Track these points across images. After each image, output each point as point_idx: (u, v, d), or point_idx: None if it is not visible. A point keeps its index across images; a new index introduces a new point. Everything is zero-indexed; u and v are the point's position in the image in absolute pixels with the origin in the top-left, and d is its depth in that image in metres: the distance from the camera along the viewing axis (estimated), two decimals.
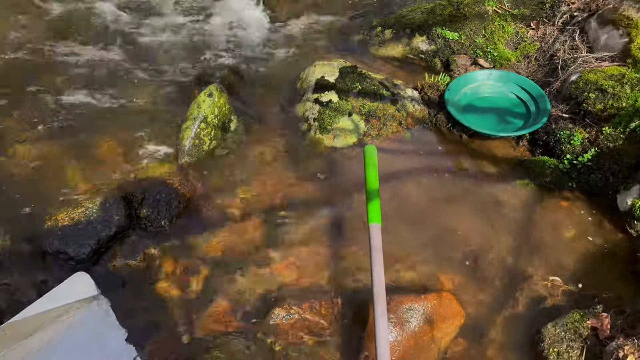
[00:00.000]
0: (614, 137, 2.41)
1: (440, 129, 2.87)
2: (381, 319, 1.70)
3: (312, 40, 3.48)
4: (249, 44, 3.36)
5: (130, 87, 2.97)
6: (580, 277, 2.13)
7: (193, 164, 2.49)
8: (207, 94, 2.51)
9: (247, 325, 1.93)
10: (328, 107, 2.72)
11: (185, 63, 3.11)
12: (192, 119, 2.47)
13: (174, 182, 2.30)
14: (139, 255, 2.09)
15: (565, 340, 1.78)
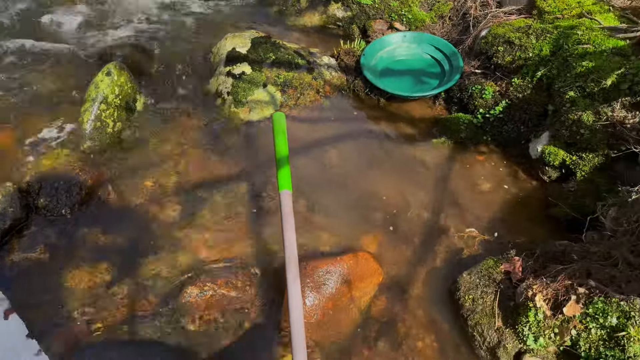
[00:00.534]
0: (522, 88, 2.44)
1: (358, 95, 2.84)
2: (293, 284, 1.65)
3: (226, 13, 3.35)
4: (155, 18, 3.19)
5: (19, 69, 2.74)
6: (496, 227, 2.15)
7: (97, 149, 2.35)
8: (105, 73, 2.36)
9: (159, 308, 1.84)
10: (241, 80, 2.63)
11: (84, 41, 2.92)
12: (90, 101, 2.32)
13: (74, 168, 2.16)
14: (39, 247, 1.95)
15: (480, 287, 1.79)
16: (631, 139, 2.01)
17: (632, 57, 2.19)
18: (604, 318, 1.52)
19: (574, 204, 2.09)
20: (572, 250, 1.81)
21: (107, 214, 2.15)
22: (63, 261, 1.98)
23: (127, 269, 1.96)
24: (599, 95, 2.14)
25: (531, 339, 1.59)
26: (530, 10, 2.73)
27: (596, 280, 1.61)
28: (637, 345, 1.46)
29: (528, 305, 1.61)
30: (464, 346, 1.77)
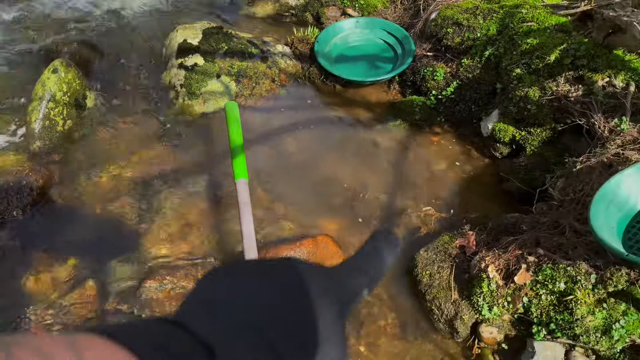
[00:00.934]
0: (472, 68, 2.49)
1: (314, 82, 2.85)
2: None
3: (176, 5, 3.30)
4: (102, 13, 3.12)
5: None
6: (451, 204, 2.20)
7: (47, 148, 2.28)
8: (51, 71, 2.29)
9: (118, 305, 1.81)
10: (194, 72, 2.59)
11: (28, 39, 2.83)
12: (37, 99, 2.26)
13: (24, 169, 2.09)
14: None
15: (437, 262, 1.84)
16: (575, 111, 2.08)
17: (574, 32, 2.26)
18: (552, 284, 1.58)
19: (525, 177, 2.16)
20: (522, 221, 1.87)
21: (61, 214, 2.10)
22: (17, 264, 1.93)
23: (84, 268, 1.93)
24: (544, 71, 2.20)
25: (486, 308, 1.65)
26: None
27: (545, 249, 1.67)
28: (584, 307, 1.52)
29: (481, 276, 1.66)
30: (423, 321, 1.81)
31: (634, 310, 1.50)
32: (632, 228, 1.63)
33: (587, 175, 1.84)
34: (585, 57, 2.12)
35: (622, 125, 1.92)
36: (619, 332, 1.48)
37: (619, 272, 1.50)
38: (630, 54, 2.10)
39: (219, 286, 0.33)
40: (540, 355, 1.58)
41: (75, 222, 2.08)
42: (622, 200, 1.64)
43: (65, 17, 3.02)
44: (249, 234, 1.75)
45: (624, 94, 2.01)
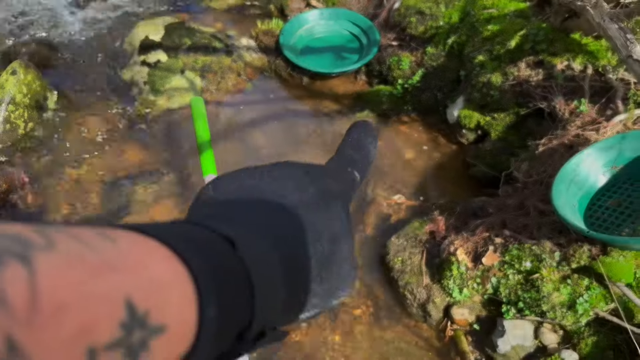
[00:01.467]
0: (436, 56, 2.52)
1: (281, 75, 2.84)
2: None
3: (136, 1, 3.23)
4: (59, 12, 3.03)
5: None
6: (421, 191, 2.24)
7: (9, 151, 2.22)
8: (9, 73, 2.23)
9: None
10: (157, 68, 2.56)
11: None
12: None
13: None
14: None
15: (408, 248, 1.86)
16: (537, 95, 2.13)
17: (533, 17, 2.31)
18: (519, 263, 1.62)
19: (491, 162, 2.21)
20: (489, 204, 1.91)
21: (27, 217, 2.05)
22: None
23: None
24: (505, 57, 2.24)
25: (456, 291, 1.68)
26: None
27: (511, 230, 1.71)
28: (550, 284, 1.57)
29: (451, 260, 1.70)
30: (397, 307, 1.84)
31: (596, 284, 1.55)
32: (592, 205, 1.68)
33: (549, 157, 1.89)
34: (544, 42, 2.17)
35: (581, 107, 1.98)
36: (583, 307, 1.54)
37: (581, 248, 1.55)
38: (587, 37, 2.16)
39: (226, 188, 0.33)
40: (510, 333, 1.62)
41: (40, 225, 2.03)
42: (582, 179, 1.69)
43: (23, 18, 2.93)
44: None
45: (582, 76, 2.07)
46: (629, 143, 1.68)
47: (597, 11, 1.87)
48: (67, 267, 0.17)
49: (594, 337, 1.56)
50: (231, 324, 0.24)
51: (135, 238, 0.22)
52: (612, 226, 1.61)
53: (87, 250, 0.19)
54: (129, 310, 0.19)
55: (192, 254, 0.23)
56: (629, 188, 1.68)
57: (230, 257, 0.25)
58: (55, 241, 0.18)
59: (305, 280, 0.31)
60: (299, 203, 0.33)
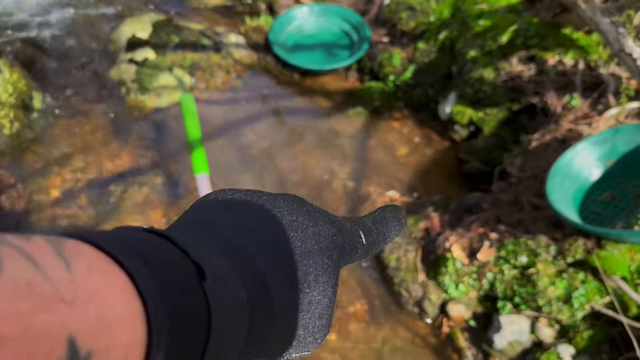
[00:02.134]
0: (427, 52, 2.52)
1: (271, 72, 2.81)
2: None
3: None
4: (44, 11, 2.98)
5: None
6: (414, 188, 2.23)
7: None
8: None
9: None
10: (145, 66, 2.51)
11: None
12: None
13: None
14: None
15: (402, 245, 1.85)
16: (529, 90, 2.13)
17: (524, 13, 2.31)
18: (514, 258, 1.62)
19: (484, 158, 2.20)
20: (483, 200, 1.90)
21: (16, 220, 2.00)
22: None
23: None
24: (497, 52, 2.24)
25: (452, 287, 1.67)
26: None
27: (506, 225, 1.71)
28: (545, 278, 1.57)
29: (446, 256, 1.69)
30: (393, 304, 1.82)
31: (591, 278, 1.55)
32: (587, 199, 1.68)
33: (542, 152, 1.89)
34: (535, 37, 2.17)
35: (573, 102, 1.98)
36: (578, 300, 1.54)
37: (576, 242, 1.55)
38: (578, 32, 2.16)
39: (212, 208, 0.31)
40: (507, 329, 1.62)
41: (28, 228, 1.99)
42: (576, 173, 1.69)
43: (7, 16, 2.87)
44: None
45: (574, 71, 2.07)
46: (622, 137, 1.69)
47: (588, 6, 1.87)
48: (13, 295, 0.16)
49: (590, 330, 1.56)
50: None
51: (95, 262, 0.20)
52: (607, 219, 1.61)
53: (38, 276, 0.17)
54: (70, 350, 0.17)
55: (153, 289, 0.21)
56: (623, 181, 1.68)
57: (195, 294, 0.23)
58: (3, 264, 0.16)
59: (279, 328, 0.29)
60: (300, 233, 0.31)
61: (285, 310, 0.29)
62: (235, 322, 0.26)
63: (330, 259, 0.32)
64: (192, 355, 0.23)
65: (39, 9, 2.94)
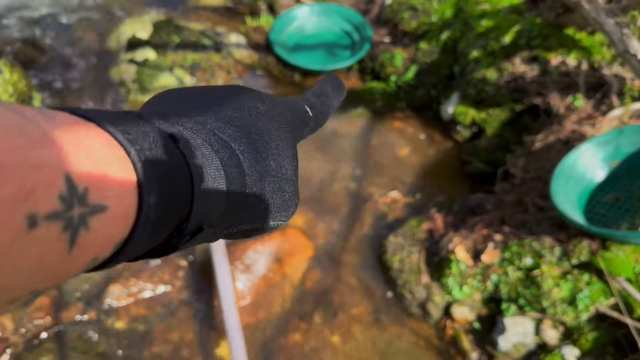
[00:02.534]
0: (429, 52, 2.51)
1: (272, 73, 2.80)
2: (221, 267, 1.62)
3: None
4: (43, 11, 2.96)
5: None
6: (417, 188, 2.22)
7: None
8: None
9: (82, 311, 1.74)
10: (145, 66, 2.50)
11: None
12: None
13: None
14: None
15: (406, 247, 1.84)
16: (532, 91, 2.13)
17: (526, 13, 2.30)
18: (519, 260, 1.61)
19: (487, 159, 2.20)
20: (487, 201, 1.90)
21: None
22: None
23: None
24: (500, 53, 2.23)
25: (456, 289, 1.66)
26: None
27: (510, 226, 1.70)
28: (550, 280, 1.56)
29: (450, 258, 1.68)
30: (396, 306, 1.82)
31: (596, 279, 1.55)
32: (591, 200, 1.68)
33: (546, 153, 1.88)
34: (538, 37, 2.17)
35: (576, 103, 1.97)
36: (583, 302, 1.53)
37: (580, 244, 1.55)
38: (581, 33, 2.16)
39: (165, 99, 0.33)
40: (511, 331, 1.61)
41: None
42: (580, 174, 1.68)
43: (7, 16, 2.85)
44: None
45: (577, 72, 2.07)
46: (626, 138, 1.68)
47: (592, 6, 1.87)
48: (7, 134, 0.17)
49: (595, 332, 1.55)
50: (170, 214, 0.25)
51: (75, 120, 0.22)
52: (611, 221, 1.61)
53: (27, 122, 0.18)
54: (68, 184, 0.19)
55: (133, 142, 0.23)
56: (627, 182, 1.68)
57: (172, 150, 0.25)
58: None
59: (253, 186, 0.31)
60: (253, 112, 0.33)
61: (254, 176, 0.31)
62: (213, 181, 0.27)
63: (285, 131, 0.34)
64: (182, 201, 0.25)
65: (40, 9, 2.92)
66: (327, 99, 0.40)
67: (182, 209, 0.25)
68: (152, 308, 1.75)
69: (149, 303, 1.75)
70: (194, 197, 0.26)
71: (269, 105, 0.35)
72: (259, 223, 0.32)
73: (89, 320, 1.71)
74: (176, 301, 1.78)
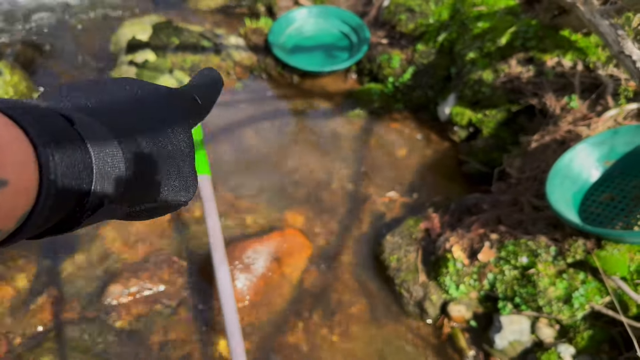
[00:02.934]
0: (426, 53, 2.53)
1: (271, 74, 2.82)
2: (220, 267, 1.63)
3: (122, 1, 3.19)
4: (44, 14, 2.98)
5: None
6: (414, 188, 2.24)
7: None
8: None
9: (82, 311, 1.75)
10: (145, 68, 2.52)
11: None
12: None
13: None
14: None
15: (403, 246, 1.86)
16: (528, 92, 2.15)
17: (522, 14, 2.32)
18: (515, 259, 1.63)
19: (483, 159, 2.21)
20: (483, 201, 1.91)
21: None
22: None
23: (44, 279, 1.85)
24: (496, 54, 2.25)
25: (453, 287, 1.68)
26: None
27: (506, 226, 1.72)
28: (546, 279, 1.58)
29: (447, 257, 1.70)
30: (394, 305, 1.83)
31: (591, 278, 1.56)
32: (586, 200, 1.69)
33: (541, 153, 1.90)
34: (534, 39, 2.19)
35: (572, 103, 1.99)
36: (578, 300, 1.55)
37: (576, 242, 1.56)
38: (576, 34, 2.18)
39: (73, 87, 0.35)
40: (507, 329, 1.63)
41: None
42: (576, 174, 1.70)
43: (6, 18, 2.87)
44: (215, 230, 1.73)
45: (572, 72, 2.09)
46: (621, 138, 1.70)
47: (587, 8, 1.89)
48: None
49: (590, 330, 1.57)
50: (70, 188, 0.26)
51: None
52: (606, 220, 1.62)
53: None
54: None
55: (31, 123, 0.24)
56: (622, 182, 1.70)
57: (69, 131, 0.27)
58: None
59: (150, 164, 0.33)
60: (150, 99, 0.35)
61: (152, 157, 0.33)
62: (111, 159, 0.29)
63: (180, 117, 0.37)
64: (82, 176, 0.27)
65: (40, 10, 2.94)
66: (208, 89, 0.43)
67: (83, 184, 0.27)
68: (152, 307, 1.76)
69: (148, 302, 1.77)
70: (94, 173, 0.28)
71: (163, 94, 0.37)
72: (160, 202, 0.35)
73: (89, 320, 1.72)
74: (176, 300, 1.79)
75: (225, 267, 1.63)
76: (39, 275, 1.86)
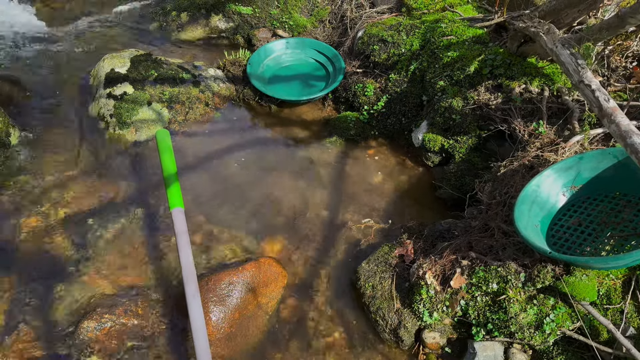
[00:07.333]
0: (399, 82, 2.58)
1: (249, 103, 2.86)
2: (193, 300, 1.63)
3: (102, 35, 3.23)
4: (23, 48, 3.01)
5: None
6: (389, 214, 2.26)
7: None
8: None
9: (56, 349, 1.73)
10: (124, 100, 2.54)
11: None
12: None
13: None
14: None
15: (378, 273, 1.87)
16: (497, 118, 2.20)
17: (490, 43, 2.39)
18: (486, 285, 1.64)
19: (456, 184, 2.25)
20: (455, 227, 1.94)
21: None
22: None
23: (18, 313, 1.83)
24: (465, 82, 2.31)
25: (427, 314, 1.69)
26: (399, 8, 2.90)
27: (477, 252, 1.74)
28: (516, 305, 1.60)
29: (420, 283, 1.71)
30: (370, 332, 1.84)
31: (561, 304, 1.58)
32: (554, 225, 1.73)
33: (511, 178, 1.94)
34: (502, 66, 2.25)
35: (540, 129, 2.04)
36: (550, 326, 1.56)
37: (545, 269, 1.59)
38: (542, 61, 2.24)
39: None
40: (481, 355, 1.64)
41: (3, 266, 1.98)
42: (544, 199, 1.74)
43: None
44: (188, 264, 1.73)
45: (540, 98, 2.15)
46: (586, 163, 1.74)
47: (549, 37, 1.95)
48: None
49: (562, 355, 1.59)
50: None
51: None
52: (575, 245, 1.65)
53: None
54: None
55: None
56: (589, 207, 1.73)
57: None
58: None
59: None
60: None
61: None
62: None
63: None
64: None
65: (18, 45, 2.97)
66: None
67: None
68: (126, 342, 1.75)
69: (122, 337, 1.75)
70: None
71: None
72: None
73: (62, 358, 1.70)
74: (149, 334, 1.78)
75: (198, 300, 1.63)
76: (11, 311, 1.84)
